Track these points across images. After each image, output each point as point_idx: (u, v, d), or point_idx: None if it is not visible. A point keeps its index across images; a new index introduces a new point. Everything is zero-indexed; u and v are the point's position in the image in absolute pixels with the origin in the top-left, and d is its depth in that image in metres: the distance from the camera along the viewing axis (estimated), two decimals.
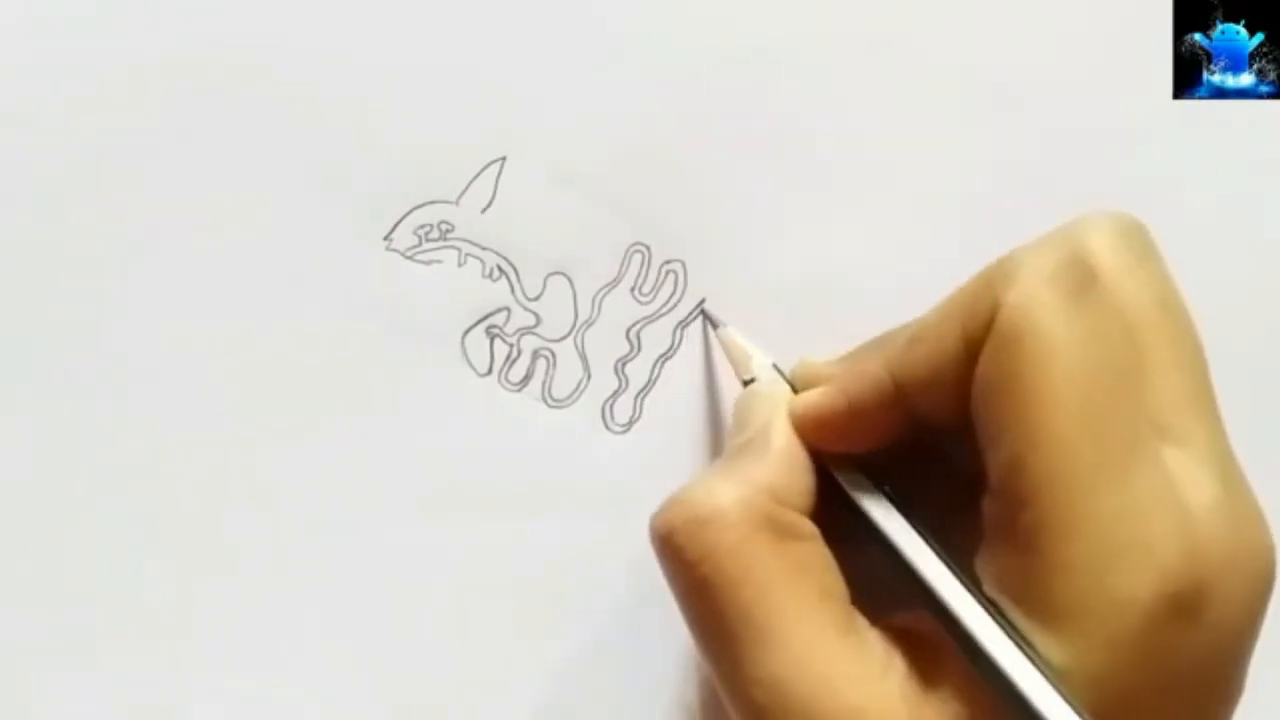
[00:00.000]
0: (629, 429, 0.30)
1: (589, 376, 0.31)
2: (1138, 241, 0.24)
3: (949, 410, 0.25)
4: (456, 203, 0.31)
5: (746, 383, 0.28)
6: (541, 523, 0.30)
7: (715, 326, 0.30)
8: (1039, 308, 0.23)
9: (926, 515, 0.26)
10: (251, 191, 0.30)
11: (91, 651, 0.29)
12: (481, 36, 0.31)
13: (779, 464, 0.26)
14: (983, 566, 0.24)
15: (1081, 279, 0.23)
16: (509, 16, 0.31)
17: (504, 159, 0.31)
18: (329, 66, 0.30)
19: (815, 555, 0.25)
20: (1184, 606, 0.22)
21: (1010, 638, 0.23)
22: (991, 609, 0.23)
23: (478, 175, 0.31)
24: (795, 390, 0.28)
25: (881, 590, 0.25)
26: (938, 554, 0.24)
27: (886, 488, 0.26)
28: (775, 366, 0.28)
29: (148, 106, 0.30)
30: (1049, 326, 0.23)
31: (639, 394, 0.31)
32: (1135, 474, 0.22)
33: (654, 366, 0.31)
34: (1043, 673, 0.22)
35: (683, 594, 0.25)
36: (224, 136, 0.30)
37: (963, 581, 0.24)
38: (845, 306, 0.31)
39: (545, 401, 0.30)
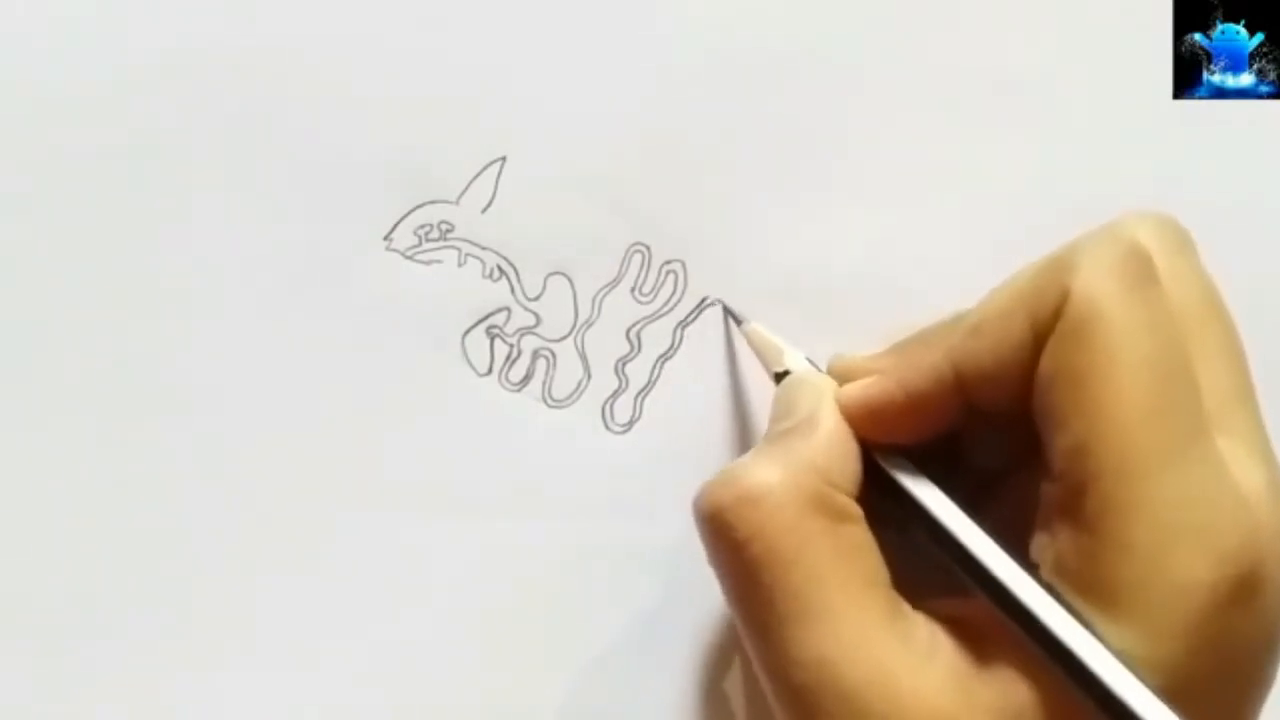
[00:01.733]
0: (629, 429, 0.30)
1: (589, 376, 0.31)
2: (1182, 239, 0.25)
3: (1006, 400, 0.25)
4: (456, 203, 0.31)
5: (779, 376, 0.28)
6: (541, 523, 0.30)
7: (739, 322, 0.30)
8: (1107, 298, 0.24)
9: None
10: (251, 191, 0.30)
11: (89, 650, 0.29)
12: (482, 36, 0.31)
13: (828, 446, 0.26)
14: (1039, 551, 0.24)
15: (1142, 272, 0.24)
16: (510, 16, 0.31)
17: (504, 159, 0.31)
18: (329, 66, 0.30)
19: (862, 538, 0.25)
20: (1242, 590, 0.23)
21: (1075, 617, 0.23)
22: (1052, 591, 0.23)
23: (478, 175, 0.31)
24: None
25: (920, 578, 0.25)
26: (993, 540, 0.25)
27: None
28: (809, 360, 0.29)
29: (147, 106, 0.30)
30: (1117, 316, 0.23)
31: (639, 394, 0.31)
32: (1195, 460, 0.23)
33: (654, 366, 0.31)
34: (1110, 650, 0.22)
35: (730, 573, 0.25)
36: (223, 136, 0.30)
37: (1022, 565, 0.24)
38: (845, 306, 0.31)
39: (545, 401, 0.30)
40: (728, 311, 0.31)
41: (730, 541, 0.25)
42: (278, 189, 0.30)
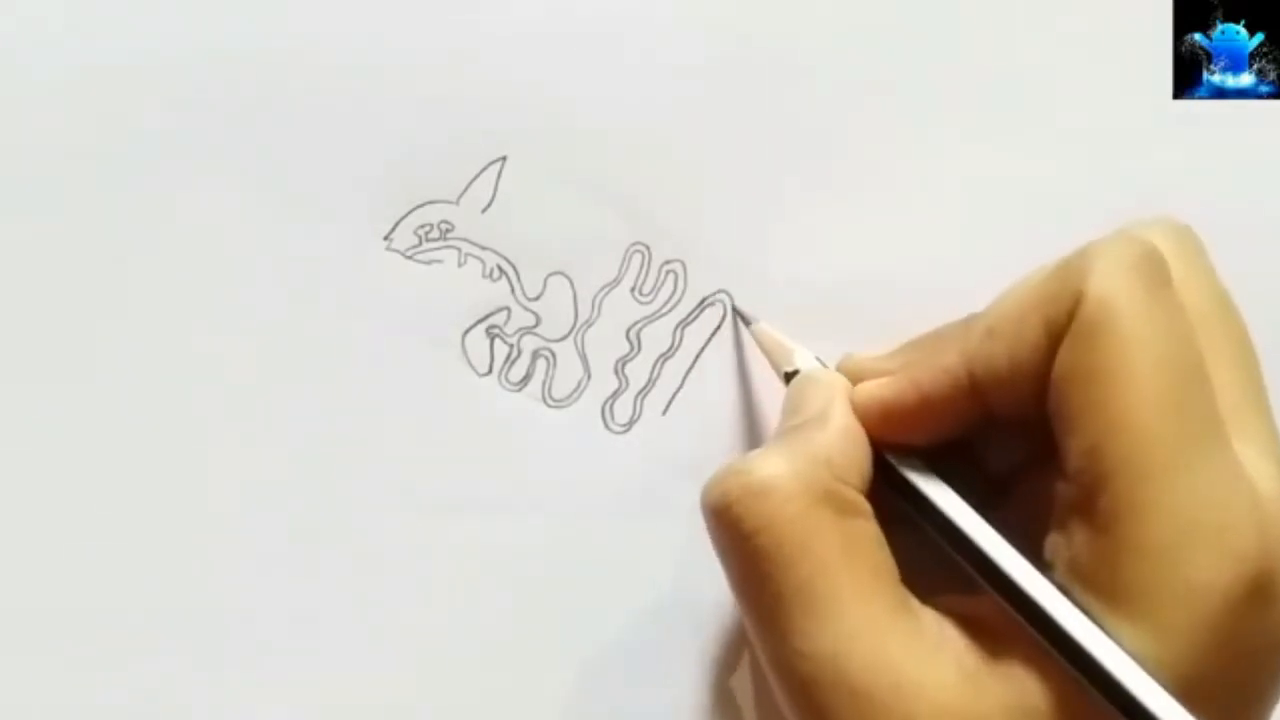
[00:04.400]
0: (629, 429, 0.30)
1: (589, 376, 0.31)
2: (1195, 245, 0.26)
3: (1020, 403, 0.25)
4: (456, 203, 0.31)
5: (788, 376, 0.28)
6: (541, 523, 0.30)
7: (747, 323, 0.30)
8: (1122, 300, 0.24)
9: None
10: (251, 191, 0.30)
11: (84, 649, 0.29)
12: (482, 36, 0.31)
13: (839, 441, 0.26)
14: (1053, 551, 0.24)
15: (1157, 275, 0.24)
16: (510, 16, 0.31)
17: (504, 159, 0.31)
18: (329, 66, 0.30)
19: (870, 533, 0.25)
20: (1256, 592, 0.23)
21: (1087, 616, 0.23)
22: (1064, 591, 0.24)
23: (478, 175, 0.31)
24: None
25: (929, 575, 0.25)
26: (1004, 539, 0.25)
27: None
28: (818, 359, 0.29)
29: (147, 106, 0.30)
30: (1132, 318, 0.24)
31: (639, 394, 0.31)
32: (1210, 462, 0.23)
33: (654, 366, 0.31)
34: (1122, 648, 0.23)
35: (736, 565, 0.25)
36: (223, 136, 0.30)
37: (1033, 564, 0.24)
38: (845, 306, 0.31)
39: (545, 401, 0.30)
40: (736, 312, 0.31)
41: (737, 533, 0.25)
42: (277, 189, 0.30)
